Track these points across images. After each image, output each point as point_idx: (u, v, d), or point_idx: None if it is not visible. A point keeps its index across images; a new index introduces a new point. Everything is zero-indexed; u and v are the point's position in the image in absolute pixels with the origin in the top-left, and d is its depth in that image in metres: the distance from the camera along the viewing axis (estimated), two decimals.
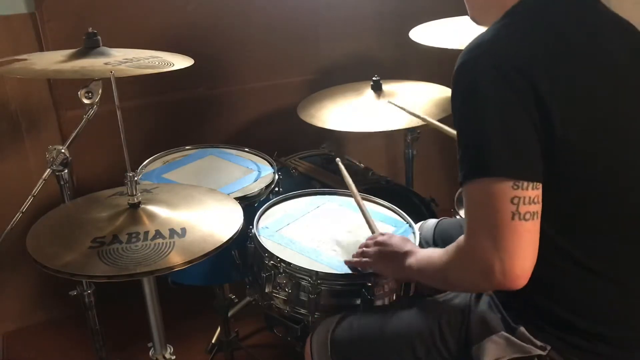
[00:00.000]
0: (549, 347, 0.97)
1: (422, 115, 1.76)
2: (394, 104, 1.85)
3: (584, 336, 0.97)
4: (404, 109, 1.81)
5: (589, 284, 0.98)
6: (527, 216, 0.88)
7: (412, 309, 1.20)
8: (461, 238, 0.97)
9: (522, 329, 1.00)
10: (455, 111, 0.95)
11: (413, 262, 1.15)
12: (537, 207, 0.90)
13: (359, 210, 1.43)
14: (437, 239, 1.45)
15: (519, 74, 0.90)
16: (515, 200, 0.88)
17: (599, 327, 0.97)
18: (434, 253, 1.09)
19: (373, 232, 1.37)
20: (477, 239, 0.92)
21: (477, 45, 0.95)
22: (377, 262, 1.24)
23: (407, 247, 1.20)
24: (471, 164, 0.92)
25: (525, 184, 0.89)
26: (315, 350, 1.24)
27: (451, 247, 1.00)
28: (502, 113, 0.90)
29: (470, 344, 1.06)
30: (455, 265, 0.99)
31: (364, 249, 1.29)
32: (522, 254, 0.89)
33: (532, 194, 0.89)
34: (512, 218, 0.88)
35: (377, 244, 1.26)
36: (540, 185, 0.90)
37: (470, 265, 0.94)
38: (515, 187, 0.88)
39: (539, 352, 0.97)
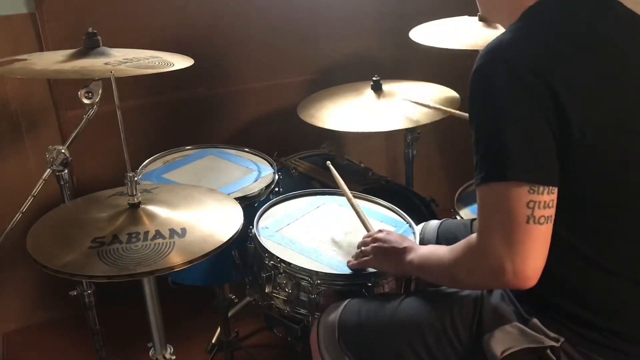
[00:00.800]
0: (562, 339, 0.97)
1: (443, 107, 1.78)
2: (410, 100, 1.85)
3: (599, 331, 0.97)
4: (423, 104, 1.81)
5: (602, 282, 0.98)
6: (542, 220, 0.90)
7: (422, 297, 1.20)
8: (472, 237, 0.98)
9: (536, 320, 1.00)
10: (472, 114, 0.96)
11: (414, 258, 1.16)
12: (552, 212, 0.91)
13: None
14: (441, 240, 1.45)
15: (535, 76, 0.90)
16: (531, 205, 0.89)
17: (614, 323, 0.97)
18: (438, 250, 1.10)
19: (368, 230, 1.38)
20: (490, 240, 0.93)
21: (494, 48, 0.95)
22: (376, 259, 1.25)
23: (406, 243, 1.21)
24: (488, 167, 0.93)
25: (541, 188, 0.90)
26: (322, 336, 1.24)
27: (459, 246, 1.01)
28: (518, 116, 0.90)
29: (482, 334, 1.05)
30: (465, 264, 1.00)
31: (362, 248, 1.29)
32: (534, 255, 0.91)
33: (547, 199, 0.90)
34: (527, 222, 0.90)
35: (375, 240, 1.27)
36: (555, 190, 0.92)
37: (481, 264, 0.95)
38: (532, 191, 0.89)
39: (552, 343, 0.97)
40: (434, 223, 1.51)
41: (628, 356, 0.97)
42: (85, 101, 1.33)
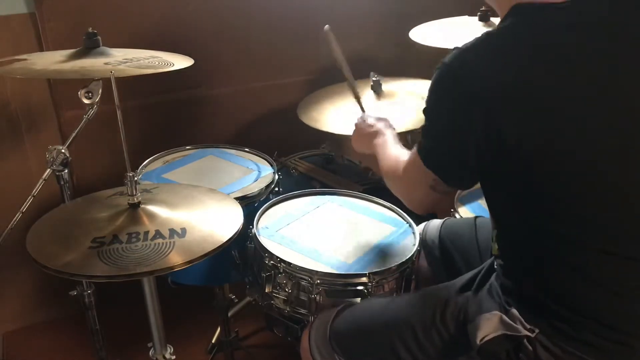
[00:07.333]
0: (537, 330, 1.01)
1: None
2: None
3: (571, 325, 1.00)
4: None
5: (571, 279, 1.01)
6: (440, 191, 1.12)
7: (413, 296, 1.26)
8: (402, 165, 1.20)
9: (514, 310, 1.04)
10: (427, 95, 1.05)
11: (378, 142, 1.40)
12: (450, 189, 1.12)
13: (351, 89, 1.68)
14: (444, 238, 1.46)
15: (482, 93, 0.95)
16: (434, 182, 1.10)
17: (584, 318, 1.00)
18: (395, 156, 1.30)
19: (362, 110, 1.64)
20: (406, 180, 1.20)
21: (463, 51, 0.98)
22: (354, 138, 1.52)
23: (376, 128, 1.44)
24: (422, 142, 1.10)
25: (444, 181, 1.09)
26: (314, 341, 1.25)
27: (400, 167, 1.21)
28: (449, 124, 1.02)
29: (467, 323, 1.10)
30: (394, 180, 1.27)
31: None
32: (425, 206, 1.19)
33: (446, 188, 1.11)
34: (429, 187, 1.11)
35: (359, 121, 1.52)
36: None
37: (398, 188, 1.25)
38: (437, 177, 1.08)
39: (527, 333, 1.01)
40: (436, 222, 1.52)
41: (598, 350, 0.99)
42: (85, 101, 1.33)
